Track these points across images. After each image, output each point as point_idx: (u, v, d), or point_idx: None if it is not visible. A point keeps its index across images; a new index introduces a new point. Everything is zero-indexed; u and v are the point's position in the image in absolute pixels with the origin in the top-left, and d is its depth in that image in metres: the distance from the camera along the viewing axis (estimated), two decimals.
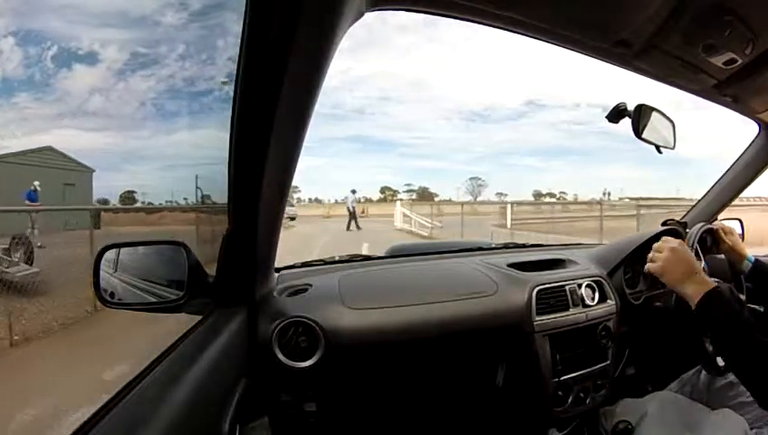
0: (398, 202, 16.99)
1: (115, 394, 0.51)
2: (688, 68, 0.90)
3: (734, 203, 1.47)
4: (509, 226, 11.29)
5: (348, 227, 13.14)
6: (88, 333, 3.83)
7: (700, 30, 0.77)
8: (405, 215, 13.48)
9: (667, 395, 1.08)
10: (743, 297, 1.11)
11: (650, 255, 0.93)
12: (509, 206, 13.17)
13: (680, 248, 0.89)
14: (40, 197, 7.23)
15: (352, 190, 15.83)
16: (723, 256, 1.18)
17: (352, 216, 13.79)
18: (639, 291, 1.23)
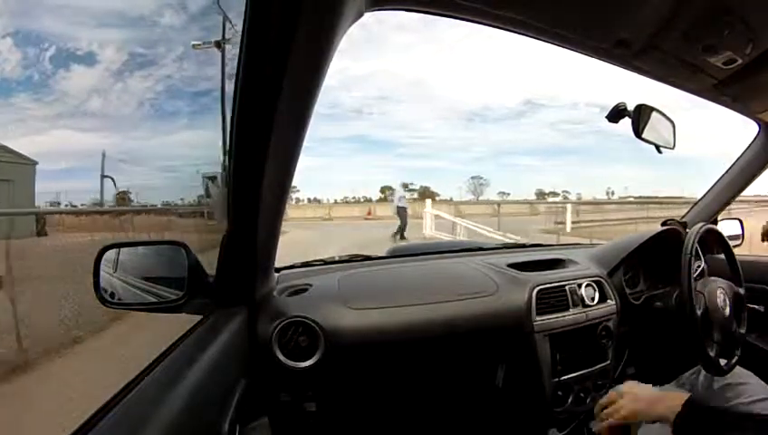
0: (428, 201, 11.23)
1: (115, 394, 0.51)
2: (688, 68, 0.90)
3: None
4: (569, 229, 9.47)
5: (401, 235, 9.04)
6: None
7: (700, 30, 0.77)
8: (437, 217, 9.47)
9: (670, 390, 1.08)
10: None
11: (605, 412, 0.85)
12: (568, 206, 10.92)
13: (630, 388, 0.85)
14: None
15: (404, 184, 10.35)
16: (722, 255, 1.18)
17: (403, 221, 9.21)
18: (639, 291, 1.23)
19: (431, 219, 9.35)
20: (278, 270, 1.09)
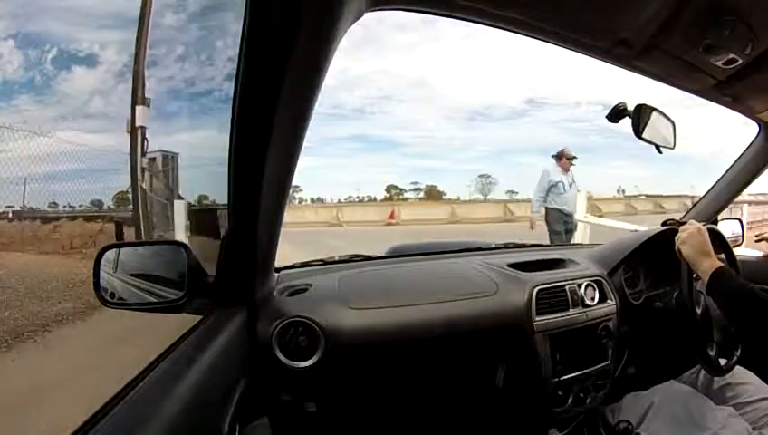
0: (580, 202, 4.26)
1: (115, 394, 0.52)
2: (688, 68, 0.90)
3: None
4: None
5: None
6: None
7: (700, 30, 0.77)
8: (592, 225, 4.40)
9: (673, 386, 1.08)
10: None
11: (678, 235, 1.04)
12: (744, 207, 4.88)
13: (704, 231, 1.02)
14: None
15: (559, 155, 4.11)
16: (722, 255, 1.18)
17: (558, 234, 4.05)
18: (639, 291, 1.23)
19: (585, 230, 4.56)
20: (278, 270, 1.09)
